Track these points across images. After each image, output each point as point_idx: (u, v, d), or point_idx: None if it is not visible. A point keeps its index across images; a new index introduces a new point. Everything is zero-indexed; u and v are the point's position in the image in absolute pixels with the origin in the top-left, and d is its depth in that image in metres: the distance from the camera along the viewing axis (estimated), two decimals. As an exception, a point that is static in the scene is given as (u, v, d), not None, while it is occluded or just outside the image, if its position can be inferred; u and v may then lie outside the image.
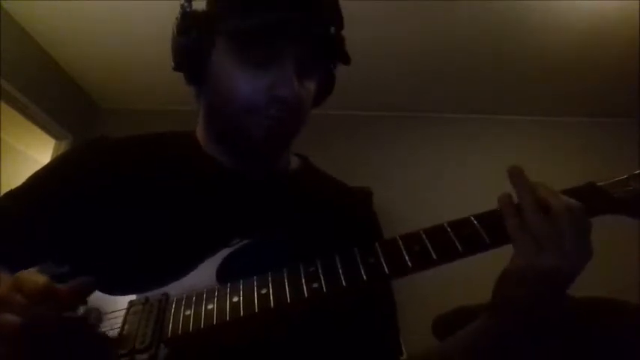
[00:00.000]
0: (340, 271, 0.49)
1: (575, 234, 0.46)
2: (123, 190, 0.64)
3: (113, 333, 0.49)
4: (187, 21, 0.64)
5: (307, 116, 0.67)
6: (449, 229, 0.50)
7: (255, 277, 0.50)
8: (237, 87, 0.61)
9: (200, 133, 0.72)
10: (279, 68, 0.61)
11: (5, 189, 0.67)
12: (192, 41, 0.64)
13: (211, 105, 0.67)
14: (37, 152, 3.62)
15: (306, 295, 0.48)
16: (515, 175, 0.51)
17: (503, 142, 3.14)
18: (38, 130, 2.84)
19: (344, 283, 0.48)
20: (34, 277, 0.43)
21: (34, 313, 0.41)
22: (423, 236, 0.50)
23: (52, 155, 2.95)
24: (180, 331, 0.48)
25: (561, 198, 0.47)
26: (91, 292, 0.48)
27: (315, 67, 0.66)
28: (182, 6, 0.65)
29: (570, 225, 0.46)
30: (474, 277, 1.62)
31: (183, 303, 0.50)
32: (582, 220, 0.47)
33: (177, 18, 0.65)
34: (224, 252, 0.55)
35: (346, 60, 0.68)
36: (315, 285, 0.48)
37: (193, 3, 0.66)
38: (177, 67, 0.67)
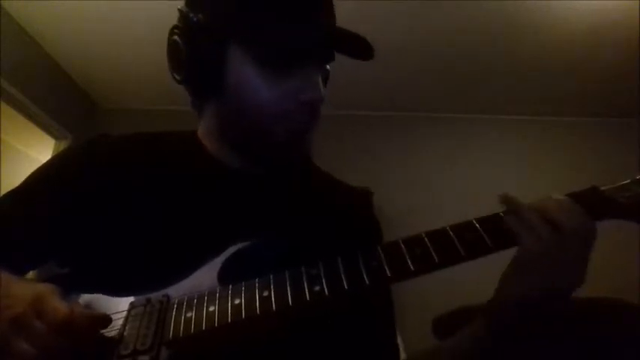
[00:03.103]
0: (342, 274, 0.49)
1: (580, 254, 0.47)
2: (124, 190, 0.63)
3: (114, 334, 0.49)
4: (197, 32, 0.60)
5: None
6: (451, 233, 0.50)
7: (256, 280, 0.50)
8: (264, 96, 0.59)
9: (204, 135, 0.71)
10: (305, 72, 0.60)
11: (5, 189, 0.67)
12: (205, 53, 0.60)
13: (228, 117, 0.65)
14: (37, 152, 3.62)
15: (308, 298, 0.48)
16: (509, 201, 0.51)
17: (504, 142, 3.14)
18: (38, 130, 2.84)
19: (346, 287, 0.48)
20: (55, 302, 0.43)
21: (50, 348, 0.41)
22: (426, 240, 0.50)
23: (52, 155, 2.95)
24: (181, 333, 0.48)
25: (573, 218, 0.47)
26: (107, 325, 0.47)
27: (331, 59, 0.66)
28: (185, 17, 0.61)
29: (579, 245, 0.47)
30: (475, 278, 1.62)
31: (185, 305, 0.50)
32: (590, 240, 0.47)
33: (179, 27, 0.63)
34: (226, 253, 0.55)
35: (370, 54, 0.62)
36: (317, 288, 0.48)
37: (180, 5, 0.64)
38: (185, 80, 0.64)
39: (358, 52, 0.61)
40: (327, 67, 0.69)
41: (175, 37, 0.63)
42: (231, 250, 0.56)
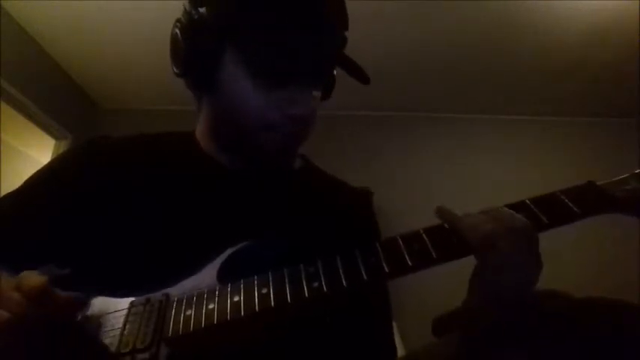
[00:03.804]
0: (341, 270, 0.49)
1: (518, 251, 0.47)
2: (123, 191, 0.64)
3: (114, 333, 0.50)
4: (196, 28, 0.61)
5: (314, 124, 0.67)
6: (449, 228, 0.50)
7: (255, 277, 0.50)
8: (251, 102, 0.60)
9: (200, 135, 0.72)
10: (296, 85, 0.60)
11: (5, 189, 0.67)
12: (201, 49, 0.60)
13: (220, 115, 0.66)
14: (37, 152, 3.62)
15: (306, 294, 0.48)
16: (442, 212, 0.51)
17: (504, 142, 3.14)
18: (38, 130, 2.83)
19: (344, 283, 0.48)
20: (33, 277, 0.44)
21: (26, 311, 0.41)
22: (423, 235, 0.50)
23: (52, 155, 2.94)
24: (181, 331, 0.48)
25: (502, 221, 0.48)
26: (82, 308, 0.48)
27: (325, 76, 0.66)
28: (188, 12, 0.62)
29: (511, 244, 0.47)
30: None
31: (184, 303, 0.50)
32: (525, 239, 0.47)
33: (180, 22, 0.63)
34: (225, 253, 0.55)
35: (366, 80, 0.65)
36: (316, 284, 0.48)
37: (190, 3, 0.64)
38: (182, 74, 0.65)
39: (353, 73, 0.63)
40: (334, 72, 0.69)
41: (176, 30, 0.63)
42: (231, 250, 0.56)
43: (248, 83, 0.60)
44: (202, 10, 0.61)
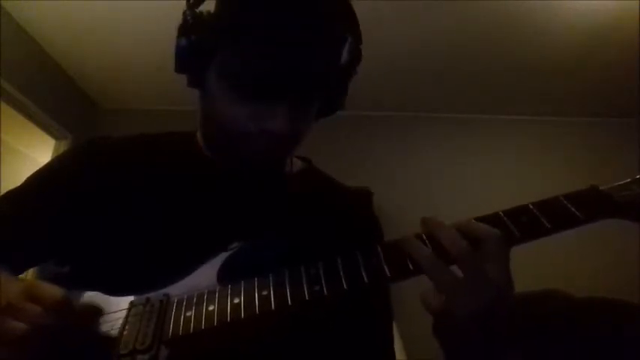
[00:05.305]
0: (341, 273, 0.49)
1: (471, 277, 0.44)
2: (123, 191, 0.64)
3: (114, 334, 0.49)
4: (186, 27, 0.60)
5: (302, 137, 0.64)
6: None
7: (256, 279, 0.50)
8: (228, 112, 0.59)
9: (199, 134, 0.72)
10: (272, 100, 0.57)
11: (5, 189, 0.67)
12: (190, 49, 0.59)
13: (207, 118, 0.65)
14: (37, 152, 3.62)
15: (307, 297, 0.48)
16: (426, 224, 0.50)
17: (504, 142, 3.14)
18: (38, 130, 2.83)
19: (345, 286, 0.48)
20: (51, 288, 0.44)
21: (42, 326, 0.41)
22: (424, 239, 0.50)
23: (52, 155, 2.94)
24: (180, 332, 0.48)
25: (459, 244, 0.45)
26: (100, 316, 0.49)
27: (312, 95, 0.63)
28: (184, 12, 0.61)
29: (468, 268, 0.45)
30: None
31: (184, 304, 0.50)
32: (476, 263, 0.45)
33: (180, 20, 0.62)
34: (225, 253, 0.55)
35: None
36: (317, 287, 0.48)
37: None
38: (178, 70, 0.64)
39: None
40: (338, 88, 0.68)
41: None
42: (231, 249, 0.56)
43: (230, 93, 0.58)
44: (196, 11, 0.60)
